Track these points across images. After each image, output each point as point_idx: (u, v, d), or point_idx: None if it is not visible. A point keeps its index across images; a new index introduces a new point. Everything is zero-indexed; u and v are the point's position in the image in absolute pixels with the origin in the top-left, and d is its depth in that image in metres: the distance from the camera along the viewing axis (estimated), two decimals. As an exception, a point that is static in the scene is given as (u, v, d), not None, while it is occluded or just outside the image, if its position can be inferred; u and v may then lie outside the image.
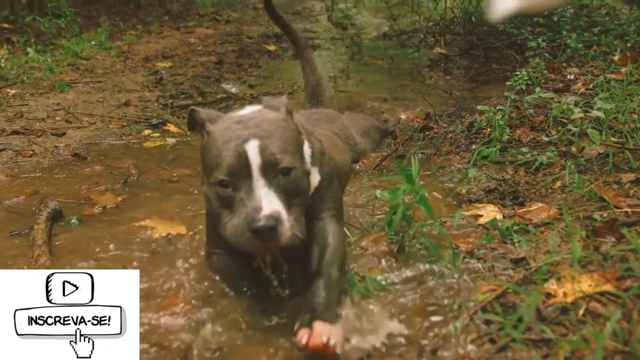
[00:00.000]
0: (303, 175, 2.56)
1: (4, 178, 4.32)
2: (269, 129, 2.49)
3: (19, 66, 7.33)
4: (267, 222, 2.27)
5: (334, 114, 4.40)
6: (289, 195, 2.43)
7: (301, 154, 2.64)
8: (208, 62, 8.20)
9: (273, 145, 2.43)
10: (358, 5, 12.14)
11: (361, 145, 4.40)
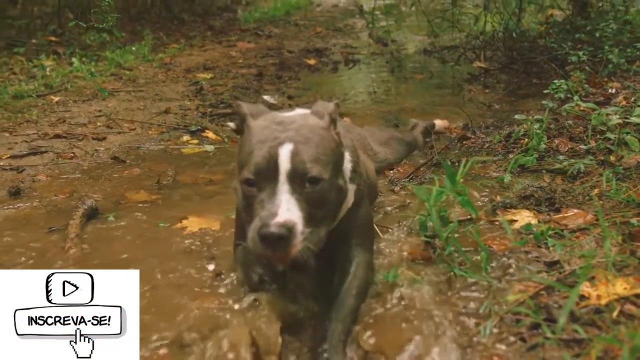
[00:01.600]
0: (332, 188, 2.50)
1: (45, 178, 4.42)
2: (307, 135, 2.45)
3: (63, 75, 7.49)
4: (277, 230, 2.21)
5: (347, 125, 4.39)
6: (313, 206, 2.37)
7: (336, 166, 2.57)
8: (248, 74, 8.27)
9: (306, 152, 2.39)
10: (399, 22, 12.17)
11: (381, 155, 4.33)
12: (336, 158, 2.57)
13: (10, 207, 3.92)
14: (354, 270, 2.72)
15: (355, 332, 2.45)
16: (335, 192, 2.54)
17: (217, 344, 2.26)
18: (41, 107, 6.31)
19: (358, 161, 2.97)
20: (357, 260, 2.77)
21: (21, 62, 8.09)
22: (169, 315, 2.52)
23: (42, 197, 4.06)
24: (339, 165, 2.62)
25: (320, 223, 2.43)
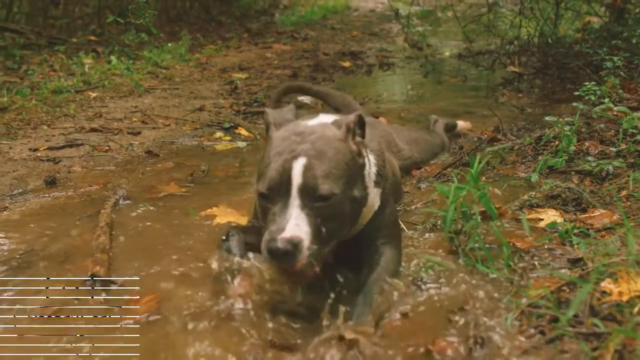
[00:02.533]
0: (345, 201, 2.53)
1: (80, 169, 4.53)
2: (322, 149, 2.51)
3: (101, 72, 7.64)
4: (282, 246, 2.28)
5: (373, 121, 4.40)
6: (324, 221, 2.43)
7: (351, 179, 2.59)
8: (283, 74, 8.35)
9: (318, 167, 2.45)
10: (435, 27, 12.19)
11: (406, 152, 4.31)
12: (351, 171, 2.59)
13: (46, 195, 4.03)
14: (382, 264, 2.79)
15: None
16: (350, 204, 2.57)
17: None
18: (79, 102, 6.45)
19: (384, 164, 3.01)
20: (385, 256, 2.84)
21: (61, 59, 8.25)
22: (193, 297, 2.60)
23: (77, 187, 4.17)
24: (355, 177, 2.64)
25: (332, 236, 2.50)
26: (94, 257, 2.96)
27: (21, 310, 2.62)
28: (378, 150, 3.02)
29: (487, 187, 3.08)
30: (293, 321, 2.46)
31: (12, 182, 4.26)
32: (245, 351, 2.27)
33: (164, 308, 2.56)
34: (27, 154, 4.84)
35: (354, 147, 2.65)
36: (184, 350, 2.26)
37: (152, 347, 2.32)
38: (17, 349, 2.35)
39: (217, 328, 2.38)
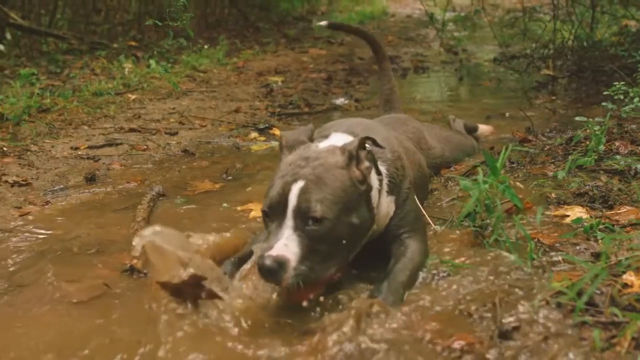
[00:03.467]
0: (340, 226, 2.59)
1: (119, 167, 4.68)
2: (321, 175, 2.62)
3: (141, 76, 7.82)
4: (268, 263, 2.40)
5: (405, 118, 4.47)
6: (316, 244, 2.52)
7: (349, 205, 2.64)
8: (318, 78, 8.46)
9: (314, 192, 2.55)
10: (471, 32, 12.22)
11: (437, 151, 4.33)
12: (349, 197, 2.65)
13: (86, 191, 4.19)
14: (409, 254, 2.90)
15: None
16: (346, 229, 2.63)
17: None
18: (118, 103, 6.63)
19: (398, 170, 3.09)
20: (411, 248, 2.95)
21: (102, 63, 8.47)
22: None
23: (115, 183, 4.33)
24: (355, 203, 2.68)
25: (327, 259, 2.58)
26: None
27: (60, 298, 2.75)
28: (392, 159, 3.10)
29: (509, 181, 3.13)
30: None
31: (54, 179, 4.43)
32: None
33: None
34: (69, 153, 5.02)
35: (357, 173, 2.72)
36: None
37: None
38: (56, 333, 2.47)
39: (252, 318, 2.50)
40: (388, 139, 3.22)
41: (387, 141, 3.15)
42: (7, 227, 3.59)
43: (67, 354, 2.32)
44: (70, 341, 2.41)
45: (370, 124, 3.33)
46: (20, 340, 2.45)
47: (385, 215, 3.01)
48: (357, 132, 3.04)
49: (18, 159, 4.78)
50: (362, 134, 2.93)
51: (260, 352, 2.29)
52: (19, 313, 2.65)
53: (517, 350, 2.23)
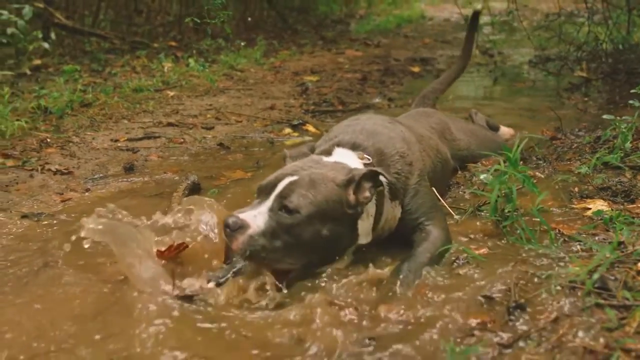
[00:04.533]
0: (309, 228, 2.70)
1: (156, 158, 4.86)
2: (315, 180, 2.80)
3: (180, 74, 8.02)
4: (231, 220, 2.61)
5: (431, 111, 4.58)
6: (283, 232, 2.67)
7: (327, 216, 2.75)
8: (353, 78, 8.58)
9: (301, 187, 2.73)
10: (508, 36, 12.24)
11: (462, 143, 4.41)
12: (330, 210, 2.76)
13: (125, 180, 4.37)
14: (430, 239, 3.06)
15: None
16: (313, 235, 2.73)
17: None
18: (157, 100, 6.82)
19: (399, 176, 3.20)
20: (433, 234, 3.11)
21: (143, 62, 8.69)
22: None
23: (152, 173, 4.49)
24: (333, 218, 2.78)
25: (285, 251, 2.69)
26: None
27: (92, 277, 2.90)
28: (393, 159, 3.23)
29: (527, 170, 3.23)
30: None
31: (94, 168, 4.62)
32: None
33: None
34: (109, 144, 5.21)
35: (351, 197, 2.84)
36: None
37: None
38: (92, 307, 2.63)
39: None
40: (392, 139, 3.34)
41: (391, 142, 3.29)
42: (50, 211, 3.78)
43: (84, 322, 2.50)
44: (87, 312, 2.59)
45: (374, 130, 3.37)
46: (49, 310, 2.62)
47: (392, 218, 3.17)
48: (360, 142, 3.20)
49: (61, 149, 4.99)
50: (365, 143, 3.17)
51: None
52: (54, 284, 2.81)
53: (528, 328, 2.33)
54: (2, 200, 3.93)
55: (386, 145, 3.23)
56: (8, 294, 2.73)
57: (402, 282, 2.73)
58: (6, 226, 3.54)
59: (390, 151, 3.22)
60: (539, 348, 2.22)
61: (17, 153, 4.82)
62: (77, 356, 2.28)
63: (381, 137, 3.26)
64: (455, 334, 2.36)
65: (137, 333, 2.37)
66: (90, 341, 2.36)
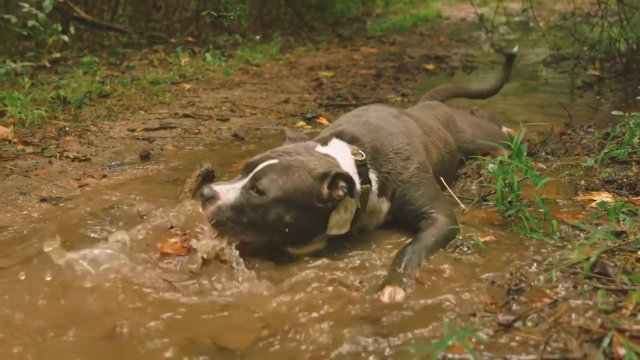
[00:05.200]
0: (272, 211, 2.84)
1: (172, 148, 4.97)
2: (292, 167, 2.91)
3: (196, 68, 8.14)
4: (205, 190, 2.88)
5: (435, 104, 4.68)
6: (248, 208, 2.83)
7: (294, 204, 2.87)
8: (367, 74, 8.66)
9: (274, 172, 2.88)
10: (523, 35, 12.26)
11: (467, 135, 4.46)
12: (298, 199, 2.87)
13: (140, 167, 4.48)
14: (436, 225, 3.18)
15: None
16: (277, 219, 2.86)
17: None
18: (174, 92, 6.95)
19: (390, 174, 3.30)
20: (439, 220, 3.22)
21: (160, 55, 8.81)
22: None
23: (168, 162, 4.61)
24: (299, 207, 2.89)
25: (248, 228, 2.86)
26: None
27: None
28: (388, 157, 3.33)
29: (531, 162, 3.32)
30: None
31: (111, 156, 4.73)
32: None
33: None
34: (125, 133, 5.33)
35: (324, 192, 2.92)
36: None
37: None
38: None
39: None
40: (392, 135, 3.42)
41: (389, 138, 3.38)
42: (67, 195, 3.90)
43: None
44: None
45: (377, 124, 3.46)
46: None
47: (378, 211, 3.30)
48: (359, 136, 3.30)
49: (79, 137, 5.11)
50: (364, 139, 3.28)
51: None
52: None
53: (527, 310, 2.41)
54: (22, 185, 4.05)
55: (383, 142, 3.33)
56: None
57: (407, 263, 2.82)
58: (25, 208, 3.67)
59: (386, 149, 3.32)
60: (537, 328, 2.29)
61: (37, 140, 4.95)
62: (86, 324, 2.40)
63: (381, 132, 3.37)
64: (456, 313, 2.45)
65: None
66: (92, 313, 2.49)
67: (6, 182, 4.09)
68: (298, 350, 2.25)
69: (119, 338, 2.33)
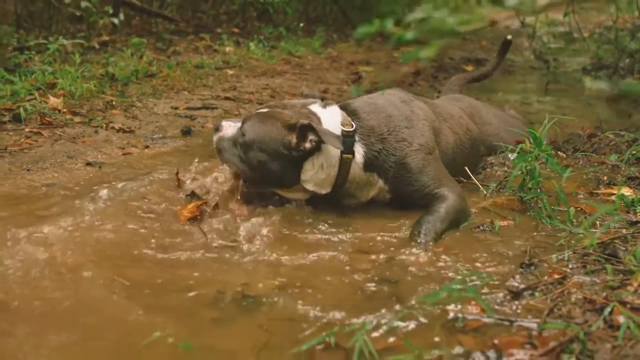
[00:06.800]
0: (250, 152, 3.27)
1: (212, 126, 5.14)
2: (270, 116, 3.30)
3: (240, 56, 8.36)
4: (218, 123, 3.56)
5: (460, 96, 4.84)
6: (239, 144, 3.32)
7: (263, 146, 3.24)
8: (407, 71, 8.81)
9: (257, 118, 3.32)
10: (567, 44, 12.26)
11: (492, 128, 4.53)
12: (267, 144, 3.25)
13: (181, 141, 4.70)
14: (447, 201, 3.33)
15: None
16: (252, 159, 3.28)
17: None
18: (217, 76, 7.18)
19: (378, 156, 3.43)
20: (450, 197, 3.37)
21: (205, 42, 9.05)
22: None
23: (206, 138, 4.79)
24: (268, 151, 3.25)
25: (239, 161, 3.34)
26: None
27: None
28: (379, 139, 3.45)
29: (551, 150, 3.46)
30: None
31: (154, 129, 4.96)
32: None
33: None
34: (169, 111, 5.57)
35: (293, 141, 3.21)
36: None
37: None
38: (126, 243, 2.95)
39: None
40: (390, 117, 3.52)
41: (386, 120, 3.50)
42: (112, 162, 4.14)
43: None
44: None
45: (382, 106, 3.59)
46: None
47: (368, 185, 3.48)
48: (360, 114, 3.47)
49: (124, 112, 5.35)
50: (363, 116, 3.45)
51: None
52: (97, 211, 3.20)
53: (536, 282, 2.56)
54: (70, 150, 4.28)
55: (380, 123, 3.45)
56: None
57: (422, 232, 3.04)
58: (72, 170, 3.90)
59: (380, 129, 3.44)
60: (544, 297, 2.44)
61: (84, 112, 5.19)
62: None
63: (381, 114, 3.50)
64: (469, 279, 2.60)
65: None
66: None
67: (55, 147, 4.33)
68: (317, 299, 2.44)
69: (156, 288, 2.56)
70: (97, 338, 2.17)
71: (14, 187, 3.56)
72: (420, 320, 2.28)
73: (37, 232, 2.87)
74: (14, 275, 2.52)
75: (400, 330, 2.22)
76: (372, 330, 2.20)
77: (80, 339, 2.16)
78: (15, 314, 2.28)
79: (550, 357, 2.01)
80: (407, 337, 2.16)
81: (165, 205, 3.36)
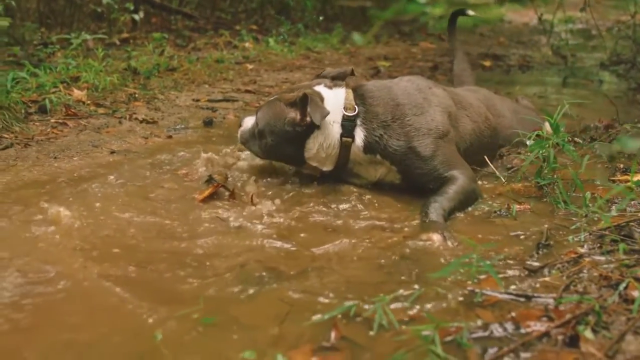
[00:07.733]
0: (262, 136, 3.53)
1: (232, 118, 5.26)
2: (275, 101, 3.52)
3: (259, 51, 8.46)
4: (241, 117, 3.86)
5: (476, 88, 4.84)
6: (255, 135, 3.57)
7: (270, 125, 3.48)
8: (424, 66, 8.84)
9: (266, 106, 3.57)
10: (585, 41, 12.27)
11: (506, 120, 4.47)
12: (274, 124, 3.46)
13: (203, 131, 4.79)
14: (457, 182, 3.40)
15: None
16: (264, 142, 3.54)
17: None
18: (237, 71, 7.27)
19: (379, 141, 3.47)
20: (460, 179, 3.43)
21: (225, 37, 9.14)
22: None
23: (227, 128, 4.90)
24: (275, 131, 3.46)
25: (257, 148, 3.62)
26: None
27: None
28: (393, 121, 3.50)
29: (567, 137, 3.50)
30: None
31: (177, 120, 5.06)
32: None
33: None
34: (190, 103, 5.67)
35: (296, 118, 3.39)
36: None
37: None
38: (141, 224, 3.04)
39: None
40: (399, 106, 3.54)
41: (392, 109, 3.52)
42: (135, 150, 4.22)
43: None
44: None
45: (394, 94, 3.60)
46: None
47: (370, 165, 3.57)
48: (370, 99, 3.53)
49: (147, 104, 5.45)
50: (371, 102, 3.51)
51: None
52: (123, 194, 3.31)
53: (552, 261, 2.62)
54: (94, 139, 4.39)
55: (385, 111, 3.49)
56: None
57: (432, 210, 3.15)
58: (98, 158, 4.00)
59: (384, 117, 3.48)
60: (560, 274, 2.50)
61: (108, 103, 5.30)
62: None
63: (390, 102, 3.53)
64: (488, 256, 2.66)
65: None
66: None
67: (80, 136, 4.44)
68: (337, 275, 2.53)
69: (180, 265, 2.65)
70: (123, 313, 2.24)
71: (41, 173, 3.67)
72: (440, 295, 2.35)
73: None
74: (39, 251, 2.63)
75: (420, 303, 2.29)
76: (392, 302, 2.26)
77: (110, 308, 2.25)
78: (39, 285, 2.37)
79: (567, 328, 2.07)
80: (427, 310, 2.23)
81: (187, 185, 3.54)
